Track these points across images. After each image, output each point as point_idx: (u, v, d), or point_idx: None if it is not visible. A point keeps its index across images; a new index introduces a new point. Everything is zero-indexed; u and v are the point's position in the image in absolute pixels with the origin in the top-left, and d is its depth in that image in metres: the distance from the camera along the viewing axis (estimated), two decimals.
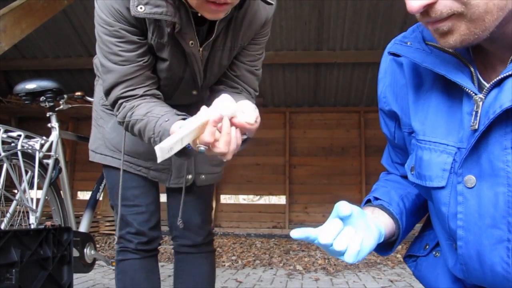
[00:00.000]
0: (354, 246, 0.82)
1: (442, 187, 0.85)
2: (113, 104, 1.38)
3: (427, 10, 0.74)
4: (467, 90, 0.80)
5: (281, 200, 7.92)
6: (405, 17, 5.88)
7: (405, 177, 1.09)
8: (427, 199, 0.97)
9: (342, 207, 0.84)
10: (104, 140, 1.66)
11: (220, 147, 1.08)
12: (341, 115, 7.84)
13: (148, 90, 1.37)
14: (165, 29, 1.32)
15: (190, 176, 1.63)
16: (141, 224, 1.64)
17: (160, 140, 1.21)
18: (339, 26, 6.17)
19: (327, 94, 7.60)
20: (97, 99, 1.71)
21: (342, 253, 0.82)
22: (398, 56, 0.94)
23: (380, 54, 1.07)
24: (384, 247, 1.04)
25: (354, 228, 0.85)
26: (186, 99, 1.56)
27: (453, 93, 0.87)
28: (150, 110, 1.30)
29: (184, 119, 1.24)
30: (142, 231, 1.64)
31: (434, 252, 1.02)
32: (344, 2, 5.77)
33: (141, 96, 1.35)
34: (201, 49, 1.38)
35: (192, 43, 1.35)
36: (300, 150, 7.85)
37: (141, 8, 1.23)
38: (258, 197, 10.01)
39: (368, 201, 1.06)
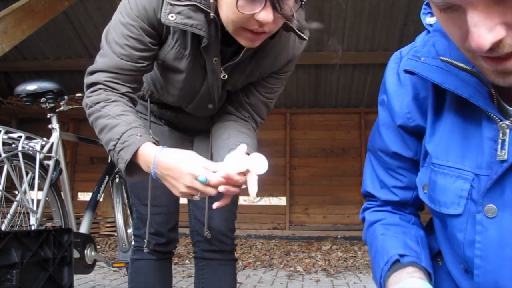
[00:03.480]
0: None
1: (459, 215, 0.81)
2: (90, 85, 1.31)
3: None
4: (491, 115, 0.75)
5: (281, 201, 7.92)
6: (405, 18, 5.88)
7: (402, 204, 1.01)
8: (438, 219, 0.91)
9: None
10: None
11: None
12: (342, 116, 7.85)
13: (129, 92, 1.33)
14: (189, 41, 1.30)
15: None
16: (160, 225, 1.66)
17: (121, 149, 1.21)
18: (340, 27, 6.18)
19: (328, 95, 7.60)
20: None
21: None
22: (412, 74, 0.86)
23: (380, 55, 1.06)
24: None
25: None
26: (202, 112, 1.55)
27: (469, 113, 0.81)
28: (124, 114, 1.26)
29: (155, 142, 1.23)
30: (161, 232, 1.66)
31: (438, 260, 0.98)
32: (345, 3, 5.77)
33: (122, 94, 1.30)
34: (222, 69, 1.37)
35: (215, 60, 1.32)
36: (300, 151, 7.85)
37: (172, 16, 1.21)
38: (259, 198, 10.00)
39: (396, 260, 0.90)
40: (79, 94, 2.77)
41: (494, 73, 0.66)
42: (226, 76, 1.38)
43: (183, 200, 1.77)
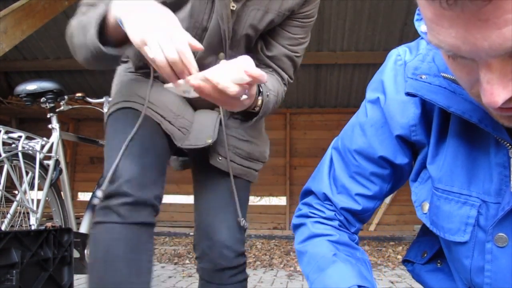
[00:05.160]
0: None
1: (465, 242, 0.78)
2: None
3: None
4: (501, 140, 0.71)
5: (281, 201, 7.92)
6: (405, 18, 5.88)
7: (358, 215, 0.94)
8: (442, 240, 0.87)
9: None
10: (121, 88, 1.41)
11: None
12: (342, 116, 7.83)
13: None
14: None
15: (210, 140, 1.32)
16: (131, 180, 1.18)
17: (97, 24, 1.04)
18: (340, 27, 6.17)
19: (328, 95, 7.60)
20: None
21: None
22: (415, 96, 0.79)
23: (380, 55, 0.99)
24: None
25: None
26: (213, 64, 1.30)
27: (474, 136, 0.77)
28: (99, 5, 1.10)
29: None
30: (127, 192, 1.16)
31: (438, 263, 0.97)
32: (345, 3, 5.77)
33: None
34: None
35: None
36: (300, 151, 7.85)
37: None
38: (259, 198, 9.99)
39: None
40: (79, 94, 2.78)
41: (499, 115, 0.64)
42: (235, 6, 1.24)
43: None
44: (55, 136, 2.56)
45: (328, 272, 0.83)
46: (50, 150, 2.49)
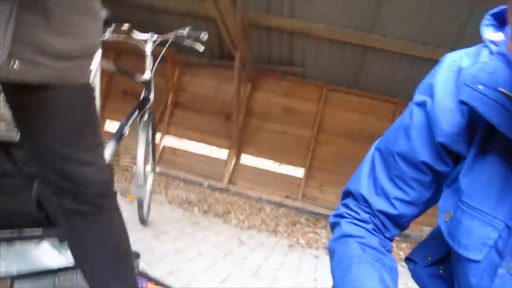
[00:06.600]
0: None
1: (478, 261, 0.76)
2: None
3: None
4: None
5: (299, 172, 7.94)
6: (466, 18, 5.66)
7: (394, 220, 0.92)
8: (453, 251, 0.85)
9: None
10: None
11: None
12: (378, 103, 7.73)
13: None
14: None
15: None
16: None
17: None
18: (397, 12, 5.99)
19: (369, 79, 7.48)
20: None
21: None
22: (468, 105, 0.76)
23: (431, 50, 0.93)
24: None
25: None
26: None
27: None
28: None
29: None
30: None
31: (440, 269, 0.96)
32: None
33: None
34: None
35: None
36: (329, 128, 7.81)
37: None
38: (277, 164, 10.05)
39: None
40: (126, 25, 2.77)
41: None
42: None
43: None
44: (95, 63, 2.59)
45: (350, 273, 0.83)
46: None
